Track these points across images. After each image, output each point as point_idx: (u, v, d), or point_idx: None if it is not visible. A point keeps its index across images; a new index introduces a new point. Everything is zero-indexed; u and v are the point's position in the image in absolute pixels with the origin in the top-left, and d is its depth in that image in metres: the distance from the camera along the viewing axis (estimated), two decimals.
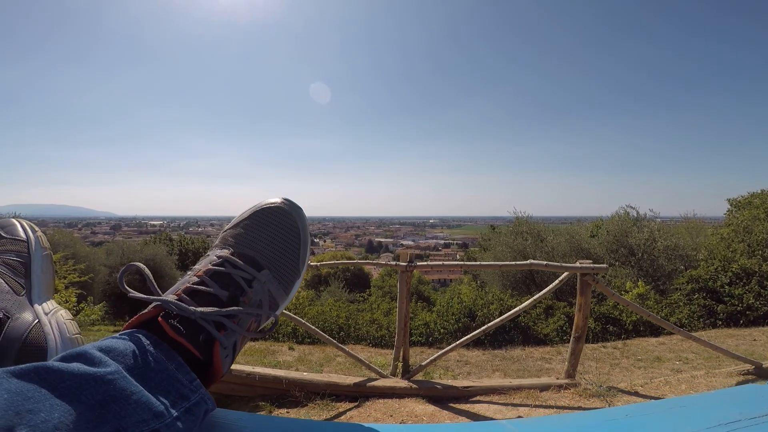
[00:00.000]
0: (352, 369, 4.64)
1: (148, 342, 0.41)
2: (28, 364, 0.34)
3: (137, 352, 0.40)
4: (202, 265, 0.52)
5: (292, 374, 3.12)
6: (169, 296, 0.48)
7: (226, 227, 0.58)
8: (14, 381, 0.32)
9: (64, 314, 0.55)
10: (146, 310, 0.47)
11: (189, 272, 0.52)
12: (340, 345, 3.21)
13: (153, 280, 0.49)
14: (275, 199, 0.58)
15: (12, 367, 0.33)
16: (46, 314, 0.53)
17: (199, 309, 0.46)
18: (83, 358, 0.37)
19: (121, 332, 0.43)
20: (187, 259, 19.17)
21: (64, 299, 8.01)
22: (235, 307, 0.48)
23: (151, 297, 0.46)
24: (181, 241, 20.81)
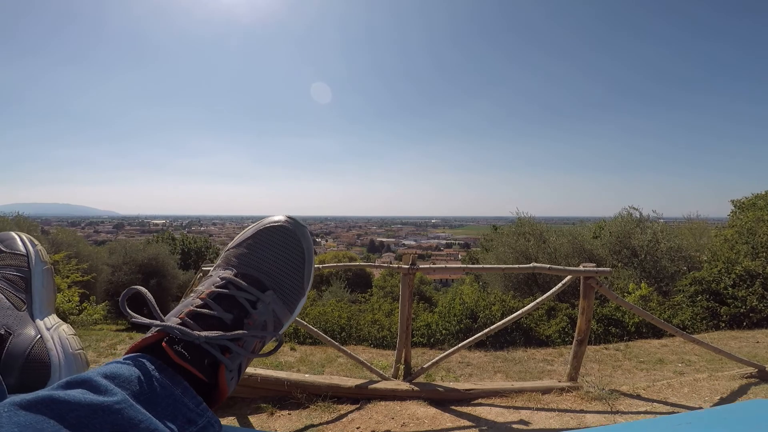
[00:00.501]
0: (354, 370, 4.64)
1: (153, 367, 0.41)
2: (34, 395, 0.34)
3: (142, 378, 0.40)
4: (205, 286, 0.51)
5: (294, 376, 3.12)
6: (173, 319, 0.47)
7: (229, 246, 0.58)
8: (22, 413, 0.32)
9: (66, 329, 0.54)
10: (149, 334, 0.46)
11: (192, 294, 0.51)
12: (341, 347, 3.21)
13: (155, 304, 0.49)
14: (278, 217, 0.57)
15: (18, 399, 0.33)
16: (48, 329, 0.53)
17: (204, 333, 0.45)
18: (88, 385, 0.37)
19: (124, 356, 0.43)
20: (189, 258, 19.21)
21: (66, 299, 8.04)
22: (240, 331, 0.48)
23: (155, 322, 0.46)
24: (183, 240, 20.87)
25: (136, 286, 0.50)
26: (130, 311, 0.49)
